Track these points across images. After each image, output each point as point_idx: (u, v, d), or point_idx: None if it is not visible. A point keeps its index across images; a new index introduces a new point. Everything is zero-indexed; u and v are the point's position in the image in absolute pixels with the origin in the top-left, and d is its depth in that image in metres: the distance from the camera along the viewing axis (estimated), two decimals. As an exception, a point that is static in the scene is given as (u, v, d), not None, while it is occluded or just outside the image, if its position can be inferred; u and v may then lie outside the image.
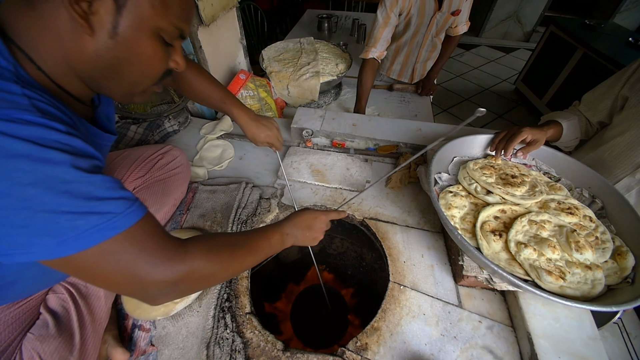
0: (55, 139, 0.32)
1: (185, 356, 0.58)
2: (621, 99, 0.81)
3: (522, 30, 3.97)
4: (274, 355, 0.60)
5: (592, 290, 0.58)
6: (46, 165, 0.30)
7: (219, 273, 0.45)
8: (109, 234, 0.34)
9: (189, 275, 0.41)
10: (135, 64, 0.40)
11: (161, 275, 0.38)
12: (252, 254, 0.50)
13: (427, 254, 0.78)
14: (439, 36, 1.43)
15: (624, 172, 0.79)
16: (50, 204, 0.31)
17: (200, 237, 0.46)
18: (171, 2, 0.38)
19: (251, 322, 0.64)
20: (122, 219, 0.35)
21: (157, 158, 0.78)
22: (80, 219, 0.32)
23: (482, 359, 0.61)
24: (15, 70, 0.34)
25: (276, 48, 1.61)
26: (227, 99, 0.76)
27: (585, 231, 0.68)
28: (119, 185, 0.37)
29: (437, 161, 0.80)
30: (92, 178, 0.33)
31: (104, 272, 0.36)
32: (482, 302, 0.69)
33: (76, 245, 0.32)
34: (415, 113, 1.53)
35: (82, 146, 0.34)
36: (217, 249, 0.45)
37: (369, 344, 0.63)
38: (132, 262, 0.36)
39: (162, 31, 0.39)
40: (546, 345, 0.58)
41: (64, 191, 0.31)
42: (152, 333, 0.61)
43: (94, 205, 0.33)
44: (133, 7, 0.35)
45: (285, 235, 0.57)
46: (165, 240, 0.40)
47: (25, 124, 0.30)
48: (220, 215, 0.81)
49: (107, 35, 0.36)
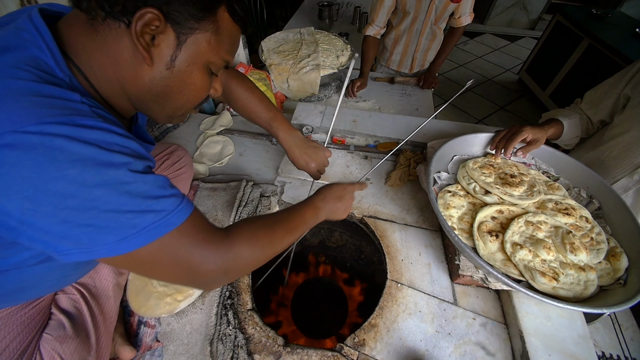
0: (116, 142, 0.34)
1: (190, 352, 0.60)
2: (623, 98, 0.80)
3: (527, 17, 3.87)
4: (275, 350, 0.62)
5: (585, 292, 0.60)
6: (110, 168, 0.32)
7: (262, 257, 0.48)
8: (164, 230, 0.36)
9: (236, 263, 0.44)
10: (184, 93, 0.43)
11: (213, 265, 0.41)
12: (291, 232, 0.53)
13: (425, 252, 0.79)
14: (439, 25, 1.40)
15: (622, 172, 0.79)
16: (114, 203, 0.33)
17: (241, 225, 0.48)
18: (224, 39, 0.41)
19: (253, 318, 0.66)
20: (175, 216, 0.37)
21: (164, 158, 0.79)
22: (139, 217, 0.34)
23: (475, 355, 0.63)
24: (70, 81, 0.36)
25: (276, 39, 1.58)
26: (274, 121, 0.75)
27: (580, 232, 0.70)
28: (168, 184, 0.39)
29: (437, 160, 0.81)
30: (146, 178, 0.35)
31: (161, 265, 0.38)
32: (476, 300, 0.71)
33: (136, 242, 0.34)
34: (416, 107, 1.51)
35: (137, 148, 0.37)
36: (257, 235, 0.47)
37: (366, 340, 0.65)
38: (186, 255, 0.39)
39: (211, 64, 0.42)
40: (537, 342, 0.61)
41: (125, 191, 0.33)
42: (157, 329, 0.63)
43: (150, 203, 0.35)
44: (192, 44, 0.38)
45: (318, 209, 0.59)
46: (213, 232, 0.43)
47: (89, 128, 0.32)
48: (221, 214, 0.82)
49: (165, 66, 0.39)
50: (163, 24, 0.35)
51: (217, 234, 0.43)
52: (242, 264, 0.45)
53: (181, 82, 0.41)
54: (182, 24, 0.37)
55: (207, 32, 0.39)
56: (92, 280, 0.62)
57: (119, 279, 0.67)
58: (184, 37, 0.38)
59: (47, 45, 0.35)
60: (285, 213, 0.55)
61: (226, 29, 0.41)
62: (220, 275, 0.43)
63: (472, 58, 3.49)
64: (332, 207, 0.62)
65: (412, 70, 1.61)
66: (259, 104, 0.75)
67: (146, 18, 0.34)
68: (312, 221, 0.58)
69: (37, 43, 0.35)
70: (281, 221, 0.53)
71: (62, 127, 0.30)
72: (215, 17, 0.39)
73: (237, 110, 0.76)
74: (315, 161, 0.77)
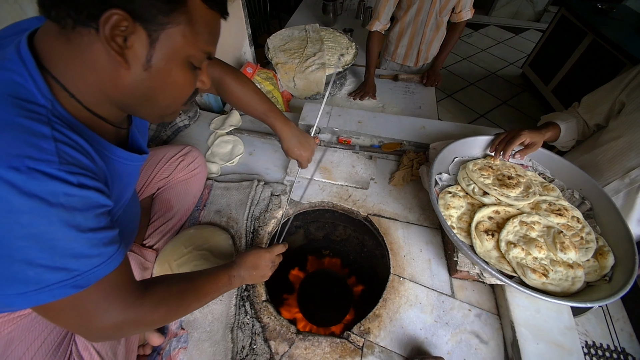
0: (66, 192, 0.33)
1: (212, 338, 0.67)
2: (618, 104, 0.84)
3: (533, 9, 3.83)
4: (288, 337, 0.69)
5: (572, 287, 0.66)
6: (42, 223, 0.32)
7: (161, 321, 0.49)
8: (69, 292, 0.36)
9: (136, 323, 0.44)
10: (168, 91, 0.42)
11: (110, 322, 0.41)
12: (199, 299, 0.54)
13: (426, 249, 0.85)
14: (443, 16, 1.42)
15: (614, 175, 0.84)
16: (30, 255, 0.33)
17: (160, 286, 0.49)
18: (201, 30, 0.39)
19: (267, 309, 0.73)
20: (85, 278, 0.37)
21: (179, 159, 0.83)
22: (48, 273, 0.34)
23: (469, 342, 0.70)
24: (52, 107, 0.36)
25: (281, 36, 1.60)
26: (270, 112, 0.77)
27: (571, 232, 0.75)
28: (104, 241, 0.38)
29: (439, 162, 0.85)
30: (80, 236, 0.35)
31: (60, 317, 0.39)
32: (472, 293, 0.77)
33: (36, 298, 0.34)
34: (419, 104, 1.54)
35: (89, 198, 0.36)
36: (168, 301, 0.49)
37: (371, 329, 0.71)
38: (90, 312, 0.39)
39: (191, 58, 0.40)
40: (527, 332, 0.67)
41: (48, 246, 0.33)
42: (182, 318, 0.70)
43: (66, 262, 0.35)
44: (165, 40, 0.37)
45: (232, 277, 0.61)
46: (130, 290, 0.43)
47: (39, 177, 0.31)
48: (235, 212, 0.88)
49: (142, 67, 0.37)
50: (131, 24, 0.34)
51: (132, 294, 0.43)
52: (140, 324, 0.45)
53: (162, 81, 0.40)
54: (151, 20, 0.35)
55: (179, 25, 0.37)
56: None
57: (143, 274, 0.73)
58: (156, 35, 0.36)
59: (30, 73, 0.35)
60: (201, 279, 0.56)
61: (201, 18, 0.38)
62: (113, 331, 0.43)
63: (476, 51, 3.47)
64: (247, 275, 0.63)
65: (417, 63, 1.63)
66: (254, 97, 0.76)
67: (113, 20, 0.33)
68: (225, 288, 0.60)
69: (20, 71, 0.35)
70: (195, 288, 0.54)
71: (10, 173, 0.30)
72: (185, 8, 0.36)
73: (233, 103, 0.78)
74: (307, 150, 0.81)
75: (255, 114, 0.78)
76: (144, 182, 0.81)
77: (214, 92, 0.76)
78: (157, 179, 0.80)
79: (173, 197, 0.80)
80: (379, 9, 1.37)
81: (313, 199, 0.95)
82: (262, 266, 0.65)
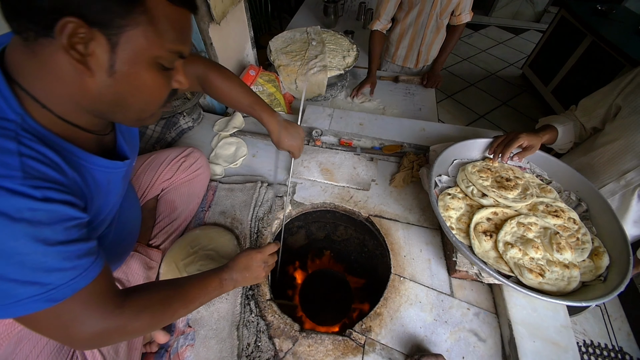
0: (29, 207, 0.34)
1: (219, 336, 0.69)
2: (615, 107, 0.85)
3: (533, 9, 3.84)
4: (292, 335, 0.71)
5: (568, 287, 0.68)
6: (8, 239, 0.33)
7: (146, 329, 0.48)
8: (43, 306, 0.36)
9: (116, 331, 0.44)
10: (138, 96, 0.40)
11: (90, 331, 0.41)
12: (186, 305, 0.54)
13: (425, 249, 0.87)
14: (443, 18, 1.44)
15: (610, 177, 0.86)
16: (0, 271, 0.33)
17: (141, 294, 0.49)
18: (164, 29, 0.37)
19: (271, 307, 0.75)
20: (60, 292, 0.37)
21: (181, 161, 0.85)
22: (21, 288, 0.34)
23: (468, 340, 0.72)
24: (22, 121, 0.36)
25: (283, 38, 1.62)
26: (256, 104, 0.77)
27: (567, 232, 0.77)
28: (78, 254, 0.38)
29: (439, 164, 0.87)
30: (50, 250, 0.35)
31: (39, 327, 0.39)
32: (471, 292, 0.79)
33: (8, 312, 0.35)
34: (419, 106, 1.56)
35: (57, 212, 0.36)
36: (151, 309, 0.48)
37: (372, 327, 0.73)
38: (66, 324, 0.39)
39: (159, 59, 0.39)
40: (524, 330, 0.69)
41: (18, 262, 0.34)
42: (189, 316, 0.72)
43: (39, 276, 0.35)
44: (127, 43, 0.35)
45: (223, 280, 0.60)
46: (109, 299, 0.43)
47: (3, 194, 0.32)
48: (239, 213, 0.90)
49: (106, 74, 0.36)
50: (88, 30, 0.33)
51: (112, 303, 0.43)
52: (123, 333, 0.45)
53: (130, 86, 0.38)
54: (108, 24, 0.33)
55: (139, 27, 0.35)
56: (125, 275, 0.70)
57: (148, 273, 0.74)
58: (115, 39, 0.34)
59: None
60: (188, 285, 0.55)
61: (164, 17, 0.37)
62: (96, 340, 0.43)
63: (476, 52, 3.49)
64: (240, 277, 0.63)
65: (417, 65, 1.65)
66: (240, 91, 0.76)
67: (68, 29, 0.32)
68: (216, 292, 0.59)
69: None
70: (181, 294, 0.53)
71: None
72: (144, 7, 0.35)
73: (218, 98, 0.77)
74: (297, 139, 0.80)
75: (241, 107, 0.78)
76: (148, 183, 0.83)
77: (199, 89, 0.76)
78: (160, 181, 0.82)
79: (177, 198, 0.83)
80: (380, 9, 1.41)
81: (315, 200, 0.97)
82: (254, 267, 0.65)
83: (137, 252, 0.75)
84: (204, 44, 1.16)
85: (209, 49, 1.17)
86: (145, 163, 0.83)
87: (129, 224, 0.68)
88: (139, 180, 0.82)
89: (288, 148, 0.81)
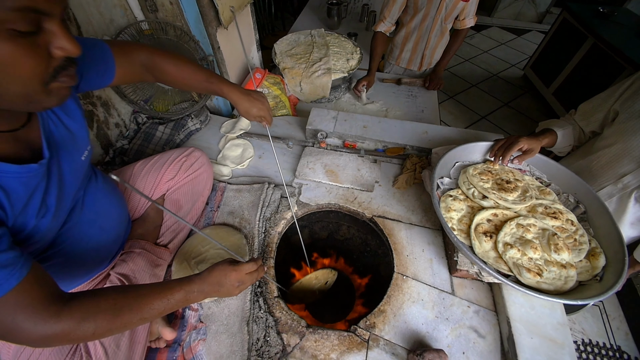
0: None
1: (229, 331, 0.72)
2: (613, 112, 0.88)
3: (535, 10, 3.85)
4: (299, 330, 0.74)
5: (564, 286, 0.70)
6: None
7: (96, 335, 0.47)
8: None
9: (63, 335, 0.44)
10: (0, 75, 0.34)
11: (35, 334, 0.42)
12: (141, 314, 0.50)
13: (427, 249, 0.89)
14: (447, 23, 1.46)
15: (607, 180, 0.88)
16: None
17: (84, 300, 0.47)
18: None
19: (279, 304, 0.78)
20: None
21: (182, 160, 0.87)
22: None
23: (468, 337, 0.74)
24: None
25: (288, 41, 1.64)
26: (212, 77, 0.73)
27: (565, 234, 0.79)
28: None
29: (441, 166, 0.90)
30: None
31: None
32: (471, 290, 0.82)
33: None
34: (422, 108, 1.59)
35: None
36: (94, 316, 0.46)
37: (376, 323, 0.76)
38: (7, 323, 0.40)
39: (5, 23, 0.31)
40: (522, 327, 0.71)
41: None
42: (200, 312, 0.75)
43: None
44: None
45: (191, 292, 0.56)
46: (44, 302, 0.42)
47: None
48: (247, 213, 0.93)
49: None
50: None
51: (46, 310, 0.42)
52: (70, 337, 0.45)
53: None
54: None
55: None
56: (132, 272, 0.73)
57: (155, 270, 0.77)
58: None
59: None
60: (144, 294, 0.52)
61: None
62: (45, 342, 0.43)
63: (478, 53, 3.50)
64: (211, 290, 0.59)
65: (420, 68, 1.68)
66: (191, 68, 0.72)
67: None
68: (181, 304, 0.55)
69: None
70: (135, 303, 0.50)
71: None
72: None
73: (171, 82, 0.73)
74: (264, 106, 0.77)
75: (197, 85, 0.73)
76: (153, 183, 0.85)
77: (149, 77, 0.71)
78: (164, 180, 0.84)
79: (181, 197, 0.85)
80: (385, 11, 1.43)
81: (320, 201, 1.00)
82: (226, 285, 0.59)
83: (145, 250, 0.77)
84: (212, 48, 1.18)
85: (217, 52, 1.20)
86: (150, 164, 0.86)
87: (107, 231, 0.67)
88: (145, 181, 0.84)
89: (257, 114, 0.77)
